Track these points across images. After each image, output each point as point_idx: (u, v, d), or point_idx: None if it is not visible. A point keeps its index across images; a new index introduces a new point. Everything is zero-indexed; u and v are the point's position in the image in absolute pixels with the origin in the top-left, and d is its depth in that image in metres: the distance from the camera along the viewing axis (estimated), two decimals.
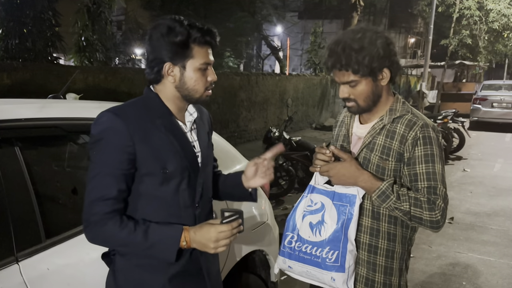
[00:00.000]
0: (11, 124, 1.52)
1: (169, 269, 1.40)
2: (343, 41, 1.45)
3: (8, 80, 5.71)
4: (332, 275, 1.47)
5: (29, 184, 1.49)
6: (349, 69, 1.45)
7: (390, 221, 1.54)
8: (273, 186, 5.61)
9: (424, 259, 4.12)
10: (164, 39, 1.34)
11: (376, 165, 1.51)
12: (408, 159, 1.48)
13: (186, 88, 1.40)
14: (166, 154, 1.36)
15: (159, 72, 1.38)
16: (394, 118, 1.53)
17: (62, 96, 2.50)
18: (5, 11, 8.45)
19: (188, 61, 1.37)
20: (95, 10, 9.43)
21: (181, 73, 1.38)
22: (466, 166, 8.40)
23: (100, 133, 1.34)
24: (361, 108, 1.53)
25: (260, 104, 10.98)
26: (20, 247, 1.41)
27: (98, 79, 6.92)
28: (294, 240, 1.57)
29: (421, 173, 1.46)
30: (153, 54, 1.37)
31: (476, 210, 5.71)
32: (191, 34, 1.34)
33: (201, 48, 1.38)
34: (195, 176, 1.45)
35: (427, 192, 1.44)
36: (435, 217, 1.43)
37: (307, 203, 1.58)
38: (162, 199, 1.39)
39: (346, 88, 1.50)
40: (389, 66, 1.49)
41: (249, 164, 1.56)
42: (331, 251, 1.48)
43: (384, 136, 1.52)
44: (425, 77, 14.81)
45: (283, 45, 19.90)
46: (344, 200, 1.51)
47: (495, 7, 17.37)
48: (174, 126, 1.42)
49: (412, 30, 28.45)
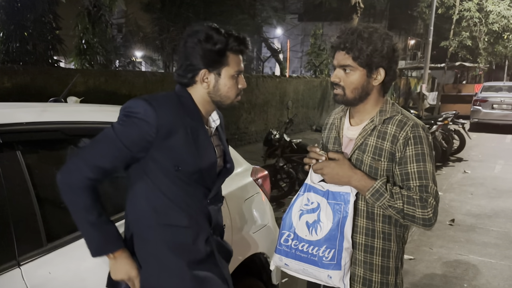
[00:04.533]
0: (12, 128, 1.52)
1: (190, 254, 1.47)
2: (355, 28, 1.51)
3: (9, 83, 5.72)
4: (329, 273, 1.50)
5: (31, 188, 1.50)
6: (350, 52, 1.49)
7: (384, 220, 1.55)
8: (273, 189, 5.61)
9: (425, 261, 4.12)
10: (202, 46, 1.37)
11: (369, 166, 1.53)
12: (399, 159, 1.51)
13: (219, 95, 1.44)
14: (183, 154, 1.39)
15: (193, 78, 1.42)
16: (384, 119, 1.56)
17: (63, 99, 2.51)
18: (6, 15, 8.46)
19: (224, 68, 1.41)
20: (95, 13, 9.46)
21: (216, 80, 1.42)
22: (466, 168, 8.40)
23: (130, 113, 1.37)
24: (346, 98, 1.55)
25: (260, 106, 10.99)
26: (21, 251, 1.41)
27: (99, 82, 6.92)
28: (290, 238, 1.59)
29: (412, 172, 1.48)
30: (188, 60, 1.40)
31: (477, 211, 5.71)
32: (228, 43, 1.39)
33: (235, 56, 1.43)
34: (211, 180, 1.49)
35: (419, 191, 1.47)
36: (428, 214, 1.45)
37: (304, 201, 1.59)
38: (177, 193, 1.44)
39: (340, 73, 1.54)
40: (386, 69, 1.52)
41: None
42: (328, 250, 1.50)
43: (376, 137, 1.54)
44: (425, 79, 14.82)
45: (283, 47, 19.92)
46: (339, 198, 1.53)
47: (495, 8, 17.41)
48: (201, 129, 1.45)
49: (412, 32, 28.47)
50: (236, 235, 2.21)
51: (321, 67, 16.80)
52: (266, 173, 2.72)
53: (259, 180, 2.61)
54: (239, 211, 2.33)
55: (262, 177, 2.64)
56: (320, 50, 16.90)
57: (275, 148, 5.83)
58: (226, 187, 2.24)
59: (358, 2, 12.68)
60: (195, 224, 1.47)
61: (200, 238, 1.48)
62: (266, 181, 2.68)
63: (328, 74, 16.39)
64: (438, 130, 8.34)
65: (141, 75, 8.00)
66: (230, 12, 14.91)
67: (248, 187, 2.50)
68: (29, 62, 8.56)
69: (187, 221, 1.45)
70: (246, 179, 2.52)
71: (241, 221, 2.32)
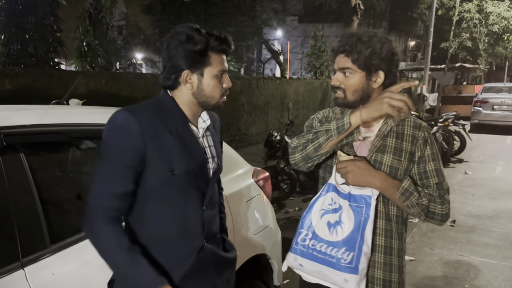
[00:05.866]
0: (15, 130, 1.53)
1: (178, 270, 1.41)
2: (355, 32, 1.55)
3: (10, 85, 5.74)
4: (346, 277, 1.47)
5: (34, 190, 1.50)
6: (349, 55, 1.52)
7: (398, 221, 1.59)
8: (274, 190, 5.62)
9: (426, 262, 4.12)
10: (183, 47, 1.37)
11: (389, 167, 1.55)
12: (418, 158, 1.57)
13: (203, 95, 1.43)
14: (174, 156, 1.38)
15: (177, 79, 1.41)
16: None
17: (65, 102, 2.52)
18: (7, 17, 8.50)
19: (206, 68, 1.40)
20: (96, 16, 9.49)
21: (199, 80, 1.41)
22: (467, 169, 8.40)
23: (112, 130, 1.35)
24: (347, 100, 1.56)
25: (261, 108, 11.00)
26: (25, 253, 1.42)
27: (100, 84, 6.94)
28: (308, 238, 1.56)
29: (430, 170, 1.57)
30: (171, 61, 1.40)
31: (478, 212, 5.71)
32: (209, 43, 1.38)
33: (218, 55, 1.42)
34: (205, 182, 1.47)
35: (437, 188, 1.56)
36: (445, 210, 1.55)
37: (327, 201, 1.56)
38: (170, 201, 1.40)
39: (340, 76, 1.56)
40: (386, 71, 1.54)
41: None
42: (347, 252, 1.48)
43: (394, 138, 1.57)
44: (425, 80, 14.80)
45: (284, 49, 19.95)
46: (360, 201, 1.52)
47: (494, 9, 17.43)
48: (187, 130, 1.44)
49: (412, 33, 28.50)
50: (237, 237, 2.22)
51: (322, 69, 16.81)
52: (267, 174, 2.73)
53: (260, 182, 2.61)
54: (241, 212, 2.33)
55: (263, 178, 2.65)
56: (320, 52, 16.92)
57: (276, 150, 5.85)
58: (228, 188, 2.26)
59: (358, 4, 12.69)
60: (187, 235, 1.44)
61: (192, 249, 1.43)
62: (267, 183, 2.68)
63: (328, 75, 16.41)
64: (438, 131, 8.35)
65: (142, 77, 8.02)
66: (230, 14, 14.94)
67: (249, 189, 2.50)
68: (30, 64, 8.59)
69: (178, 233, 1.42)
70: (247, 180, 2.53)
71: (243, 223, 2.33)
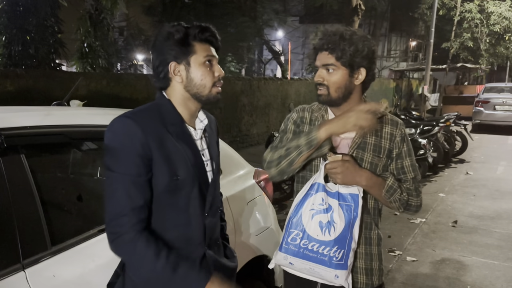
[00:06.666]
0: (16, 131, 1.53)
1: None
2: (336, 30, 1.59)
3: (12, 87, 5.74)
4: (337, 273, 1.53)
5: (35, 191, 1.50)
6: (333, 52, 1.56)
7: (375, 212, 1.69)
8: (276, 191, 5.61)
9: (428, 263, 4.11)
10: (166, 42, 1.38)
11: (369, 163, 1.62)
12: (396, 155, 1.66)
13: (194, 85, 1.41)
14: (177, 161, 1.36)
15: (166, 75, 1.41)
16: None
17: (66, 103, 2.52)
18: (8, 19, 8.52)
19: (192, 57, 1.39)
20: (97, 17, 9.50)
21: (187, 70, 1.40)
22: (469, 169, 8.38)
23: (115, 140, 1.31)
24: (330, 97, 1.59)
25: (262, 109, 11.00)
26: (26, 254, 1.41)
27: (101, 85, 6.94)
28: (299, 237, 1.58)
29: (407, 165, 1.67)
30: (158, 59, 1.40)
31: (480, 213, 5.70)
32: (189, 31, 1.38)
33: (202, 44, 1.41)
34: (205, 185, 1.46)
35: (413, 182, 1.67)
36: (420, 201, 1.68)
37: (317, 201, 1.57)
38: (173, 207, 1.39)
39: (323, 73, 1.59)
40: (367, 69, 1.59)
41: None
42: (338, 250, 1.53)
43: (374, 136, 1.63)
44: (426, 80, 14.80)
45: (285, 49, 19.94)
46: (348, 200, 1.56)
47: (496, 9, 17.40)
48: (185, 133, 1.43)
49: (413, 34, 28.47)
50: (239, 238, 2.21)
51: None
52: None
53: (261, 182, 2.61)
54: (242, 213, 2.33)
55: (265, 179, 2.64)
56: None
57: None
58: (229, 189, 2.26)
59: (359, 4, 12.68)
60: (189, 242, 1.43)
61: (194, 258, 1.42)
62: (268, 184, 2.68)
63: None
64: (440, 132, 8.33)
65: (143, 78, 8.02)
66: (231, 14, 14.96)
67: (251, 189, 2.50)
68: (31, 66, 8.62)
69: (180, 239, 1.40)
70: (248, 181, 2.53)
71: (244, 224, 2.33)
